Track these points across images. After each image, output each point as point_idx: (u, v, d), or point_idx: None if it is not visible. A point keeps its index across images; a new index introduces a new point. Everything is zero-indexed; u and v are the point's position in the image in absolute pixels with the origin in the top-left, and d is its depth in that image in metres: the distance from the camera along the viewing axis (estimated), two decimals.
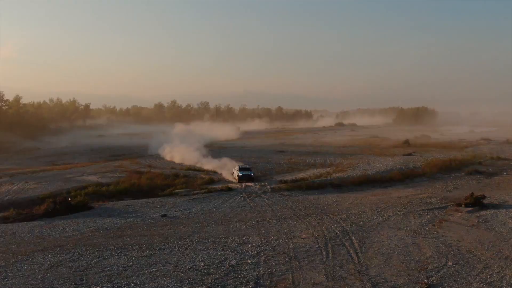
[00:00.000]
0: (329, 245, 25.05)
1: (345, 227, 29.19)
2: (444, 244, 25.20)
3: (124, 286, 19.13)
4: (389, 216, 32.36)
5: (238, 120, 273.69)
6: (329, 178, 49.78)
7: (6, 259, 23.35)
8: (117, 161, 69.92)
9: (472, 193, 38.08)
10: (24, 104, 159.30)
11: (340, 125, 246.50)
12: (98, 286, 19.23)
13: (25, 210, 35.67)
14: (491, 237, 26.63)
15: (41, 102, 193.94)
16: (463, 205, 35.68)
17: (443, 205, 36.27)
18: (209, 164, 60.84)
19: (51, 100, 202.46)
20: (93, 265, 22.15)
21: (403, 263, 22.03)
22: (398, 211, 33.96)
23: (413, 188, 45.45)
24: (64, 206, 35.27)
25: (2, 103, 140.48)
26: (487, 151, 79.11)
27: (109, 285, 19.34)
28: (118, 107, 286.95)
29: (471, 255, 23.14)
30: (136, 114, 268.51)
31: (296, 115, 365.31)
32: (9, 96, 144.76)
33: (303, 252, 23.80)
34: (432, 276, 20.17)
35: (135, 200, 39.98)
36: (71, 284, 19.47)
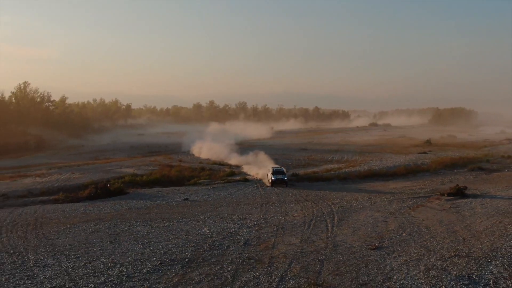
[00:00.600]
0: (313, 221, 30.89)
1: (333, 209, 34.88)
2: (409, 222, 30.64)
3: (146, 243, 25.54)
4: (376, 202, 37.85)
5: (274, 120, 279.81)
6: (337, 172, 55.20)
7: (58, 227, 30.15)
8: (152, 156, 77.03)
9: (457, 185, 43.15)
10: (70, 104, 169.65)
11: (374, 125, 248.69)
12: (126, 243, 25.71)
13: (72, 194, 42.68)
14: (453, 218, 31.86)
15: (85, 102, 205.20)
16: (445, 195, 40.73)
17: (429, 194, 41.39)
18: (234, 160, 67.01)
19: (94, 100, 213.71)
20: (124, 231, 28.68)
21: (366, 233, 27.66)
22: (386, 198, 39.36)
23: (411, 181, 50.47)
24: (104, 191, 42.19)
25: (50, 104, 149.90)
26: (503, 150, 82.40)
27: (135, 242, 25.79)
28: (158, 107, 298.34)
29: (425, 229, 28.54)
30: (175, 114, 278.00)
31: (333, 115, 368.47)
32: (54, 96, 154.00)
33: (290, 225, 29.72)
34: (383, 242, 25.75)
35: (164, 188, 46.59)
36: (107, 242, 26.02)
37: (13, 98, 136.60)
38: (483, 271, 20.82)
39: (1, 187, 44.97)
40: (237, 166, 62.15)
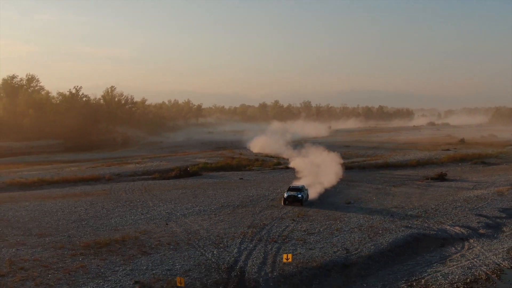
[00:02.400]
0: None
1: (339, 186, 51.06)
2: (385, 193, 46.56)
3: (213, 198, 43.20)
4: (373, 181, 53.68)
5: (336, 119, 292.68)
6: (360, 163, 70.63)
7: (160, 191, 48.32)
8: (219, 150, 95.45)
9: (441, 172, 57.87)
10: (148, 105, 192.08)
11: (431, 124, 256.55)
12: (202, 198, 43.46)
13: (163, 174, 61.13)
14: (417, 191, 47.37)
15: (161, 103, 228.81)
16: (429, 179, 55.64)
17: (418, 179, 56.45)
18: (285, 153, 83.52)
19: (169, 101, 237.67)
20: (200, 193, 46.43)
21: (349, 197, 43.87)
22: (383, 180, 55.04)
23: (415, 170, 65.07)
24: (185, 173, 60.50)
25: (132, 105, 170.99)
26: None
27: (207, 198, 43.52)
28: (227, 106, 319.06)
29: (391, 196, 44.36)
30: (242, 113, 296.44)
31: (396, 113, 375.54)
32: (131, 95, 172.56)
33: None
34: (357, 201, 41.94)
35: (227, 172, 64.41)
36: (191, 197, 43.91)
37: (101, 100, 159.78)
38: (399, 211, 36.83)
39: (115, 170, 64.32)
40: (285, 159, 78.67)
